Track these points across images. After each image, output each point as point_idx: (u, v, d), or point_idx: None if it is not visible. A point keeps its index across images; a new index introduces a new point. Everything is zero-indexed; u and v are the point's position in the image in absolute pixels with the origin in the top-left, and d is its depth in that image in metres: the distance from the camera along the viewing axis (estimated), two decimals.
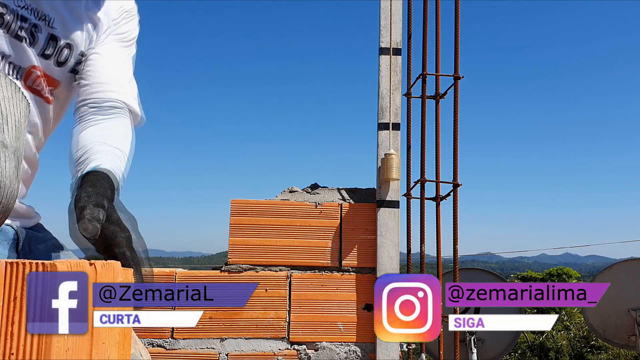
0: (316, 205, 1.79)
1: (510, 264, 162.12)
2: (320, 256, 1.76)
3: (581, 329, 12.00)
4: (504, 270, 64.76)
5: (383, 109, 1.81)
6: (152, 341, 1.69)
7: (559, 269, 21.69)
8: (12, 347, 0.60)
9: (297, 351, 1.71)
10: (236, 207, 1.78)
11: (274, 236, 1.76)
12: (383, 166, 1.75)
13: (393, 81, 1.82)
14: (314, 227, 1.78)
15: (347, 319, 1.74)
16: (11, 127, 0.82)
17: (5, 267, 0.62)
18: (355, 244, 1.77)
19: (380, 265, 1.73)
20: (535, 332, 11.79)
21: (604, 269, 5.00)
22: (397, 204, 1.77)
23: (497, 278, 5.21)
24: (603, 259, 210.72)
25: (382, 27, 1.85)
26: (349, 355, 1.72)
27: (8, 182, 0.81)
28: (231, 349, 1.71)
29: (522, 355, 12.02)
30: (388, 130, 1.79)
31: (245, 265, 1.74)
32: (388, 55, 1.83)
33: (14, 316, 0.61)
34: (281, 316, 1.72)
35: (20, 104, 0.86)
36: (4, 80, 0.83)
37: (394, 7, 1.86)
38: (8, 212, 0.86)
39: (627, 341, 4.74)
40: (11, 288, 0.62)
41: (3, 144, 0.80)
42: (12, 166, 0.82)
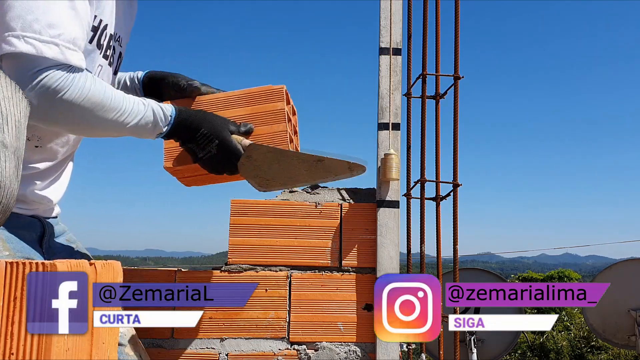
0: (316, 205, 1.79)
1: (510, 264, 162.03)
2: (320, 256, 1.76)
3: (581, 329, 11.99)
4: (504, 270, 64.76)
5: (383, 109, 1.81)
6: (152, 341, 1.69)
7: (560, 271, 21.65)
8: (12, 347, 0.60)
9: (297, 351, 1.71)
10: (236, 207, 1.78)
11: (274, 236, 1.76)
12: (383, 166, 1.75)
13: (393, 81, 1.82)
14: (314, 227, 1.78)
15: (347, 319, 1.74)
16: (11, 127, 0.82)
17: (5, 267, 0.62)
18: (355, 244, 1.78)
19: (380, 265, 1.73)
20: (535, 332, 11.79)
21: (604, 269, 5.00)
22: (397, 204, 1.77)
23: (497, 278, 5.21)
24: (603, 259, 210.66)
25: (382, 27, 1.85)
26: (349, 355, 1.72)
27: (8, 182, 0.81)
28: (231, 349, 1.71)
29: (522, 355, 12.02)
30: (388, 130, 1.79)
31: (245, 265, 1.74)
32: (388, 55, 1.83)
33: (14, 316, 0.61)
34: (281, 316, 1.72)
35: (20, 104, 0.86)
36: (4, 80, 0.83)
37: (394, 7, 1.86)
38: (8, 212, 0.86)
39: (627, 341, 4.74)
40: (11, 288, 0.62)
41: (3, 144, 0.80)
42: (12, 166, 0.82)
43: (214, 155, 1.31)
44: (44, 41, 1.03)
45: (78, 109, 1.10)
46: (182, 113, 1.30)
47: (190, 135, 1.29)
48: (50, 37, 1.04)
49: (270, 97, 1.48)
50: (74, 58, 1.09)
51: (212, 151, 1.31)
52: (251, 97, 1.48)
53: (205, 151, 1.31)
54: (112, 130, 1.19)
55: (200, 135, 1.29)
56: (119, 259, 1.14)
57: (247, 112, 1.47)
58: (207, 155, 1.31)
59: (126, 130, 1.21)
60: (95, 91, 1.12)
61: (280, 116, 1.46)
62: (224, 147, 1.31)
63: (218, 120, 1.33)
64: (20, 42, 1.02)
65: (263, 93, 1.48)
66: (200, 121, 1.30)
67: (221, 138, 1.31)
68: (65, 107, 1.08)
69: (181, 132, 1.28)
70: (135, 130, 1.22)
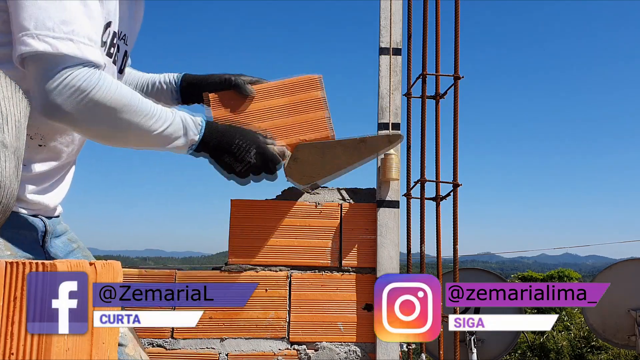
0: (316, 205, 1.79)
1: (510, 264, 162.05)
2: (320, 256, 1.76)
3: (581, 329, 11.99)
4: (504, 270, 64.74)
5: (383, 109, 1.81)
6: (152, 341, 1.69)
7: (560, 271, 21.65)
8: (12, 347, 0.60)
9: (297, 351, 1.71)
10: (236, 207, 1.78)
11: (274, 236, 1.76)
12: (383, 166, 1.75)
13: (393, 81, 1.82)
14: (314, 227, 1.78)
15: (347, 319, 1.74)
16: (11, 127, 0.82)
17: (5, 267, 0.62)
18: (355, 244, 1.78)
19: (380, 265, 1.73)
20: (535, 332, 11.79)
21: (604, 269, 5.00)
22: (397, 204, 1.77)
23: (497, 278, 5.21)
24: (603, 259, 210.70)
25: (382, 27, 1.86)
26: (349, 355, 1.72)
27: (8, 182, 0.81)
28: (231, 349, 1.71)
29: (522, 355, 12.01)
30: (388, 130, 1.79)
31: (245, 265, 1.74)
32: (388, 55, 1.83)
33: (14, 316, 0.61)
34: (281, 316, 1.72)
35: (20, 104, 0.86)
36: (4, 80, 0.84)
37: (394, 7, 1.86)
38: (8, 211, 0.86)
39: (627, 341, 4.74)
40: (11, 288, 0.62)
41: (3, 144, 0.80)
42: (12, 166, 0.82)
43: (253, 164, 1.30)
44: (59, 37, 1.01)
45: (105, 110, 1.07)
46: (213, 123, 1.29)
47: (224, 147, 1.27)
48: (64, 33, 1.02)
49: (309, 86, 1.55)
50: (92, 54, 1.06)
51: (251, 160, 1.30)
52: (291, 87, 1.54)
53: (244, 162, 1.30)
54: (141, 136, 1.16)
55: (236, 147, 1.28)
56: (119, 259, 1.14)
57: (287, 101, 1.53)
58: (245, 167, 1.30)
59: (155, 139, 1.18)
60: (122, 92, 1.10)
61: (319, 104, 1.54)
62: (263, 155, 1.31)
63: (248, 131, 1.33)
64: (35, 41, 1.00)
65: (302, 82, 1.55)
66: (232, 133, 1.29)
67: (257, 145, 1.30)
68: (91, 107, 1.05)
69: (215, 141, 1.26)
70: (165, 139, 1.19)
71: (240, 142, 1.28)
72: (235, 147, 1.28)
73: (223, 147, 1.27)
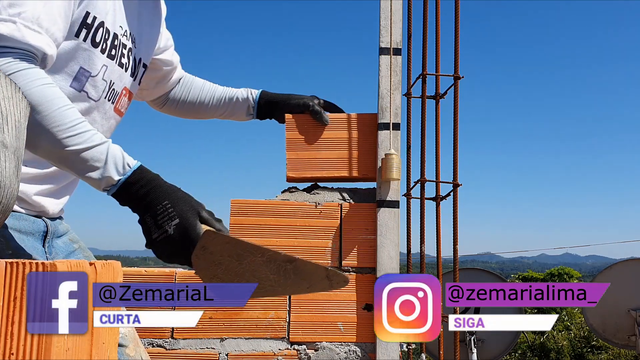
0: (316, 205, 1.79)
1: (510, 264, 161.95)
2: (320, 256, 1.76)
3: (581, 329, 11.99)
4: (504, 270, 64.73)
5: (383, 109, 1.81)
6: (152, 341, 1.69)
7: (560, 268, 21.69)
8: (12, 347, 0.60)
9: (297, 351, 1.71)
10: (236, 207, 1.78)
11: (274, 236, 1.76)
12: (383, 166, 1.75)
13: (393, 81, 1.82)
14: (314, 227, 1.78)
15: (347, 319, 1.74)
16: (11, 127, 0.82)
17: (5, 267, 0.62)
18: (355, 244, 1.78)
19: (380, 265, 1.73)
20: (535, 332, 11.78)
21: (604, 269, 5.00)
22: (397, 204, 1.77)
23: (497, 278, 5.21)
24: (603, 259, 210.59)
25: (382, 27, 1.85)
26: (349, 355, 1.72)
27: (8, 182, 0.81)
28: (231, 349, 1.71)
29: (522, 355, 12.02)
30: (388, 130, 1.79)
31: None
32: (388, 55, 1.83)
33: (14, 316, 0.61)
34: (281, 316, 1.72)
35: (20, 104, 0.86)
36: (4, 80, 0.83)
37: (394, 7, 1.86)
38: (8, 212, 0.86)
39: (627, 341, 4.74)
40: (11, 288, 0.62)
41: (3, 144, 0.80)
42: (12, 166, 0.82)
43: (170, 236, 1.02)
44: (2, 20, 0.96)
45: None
46: (150, 174, 1.07)
47: (148, 205, 1.04)
48: (8, 15, 0.97)
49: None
50: (33, 38, 0.98)
51: (168, 230, 1.02)
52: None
53: (161, 230, 1.03)
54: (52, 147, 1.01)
55: (161, 208, 1.04)
56: (119, 259, 1.14)
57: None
58: (162, 236, 1.03)
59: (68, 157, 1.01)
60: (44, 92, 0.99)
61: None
62: (183, 230, 1.02)
63: (189, 200, 1.06)
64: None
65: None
66: (166, 193, 1.05)
67: (184, 218, 1.03)
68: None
69: (141, 192, 1.04)
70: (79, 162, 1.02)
71: (168, 206, 1.04)
72: (161, 208, 1.04)
73: (147, 204, 1.04)
